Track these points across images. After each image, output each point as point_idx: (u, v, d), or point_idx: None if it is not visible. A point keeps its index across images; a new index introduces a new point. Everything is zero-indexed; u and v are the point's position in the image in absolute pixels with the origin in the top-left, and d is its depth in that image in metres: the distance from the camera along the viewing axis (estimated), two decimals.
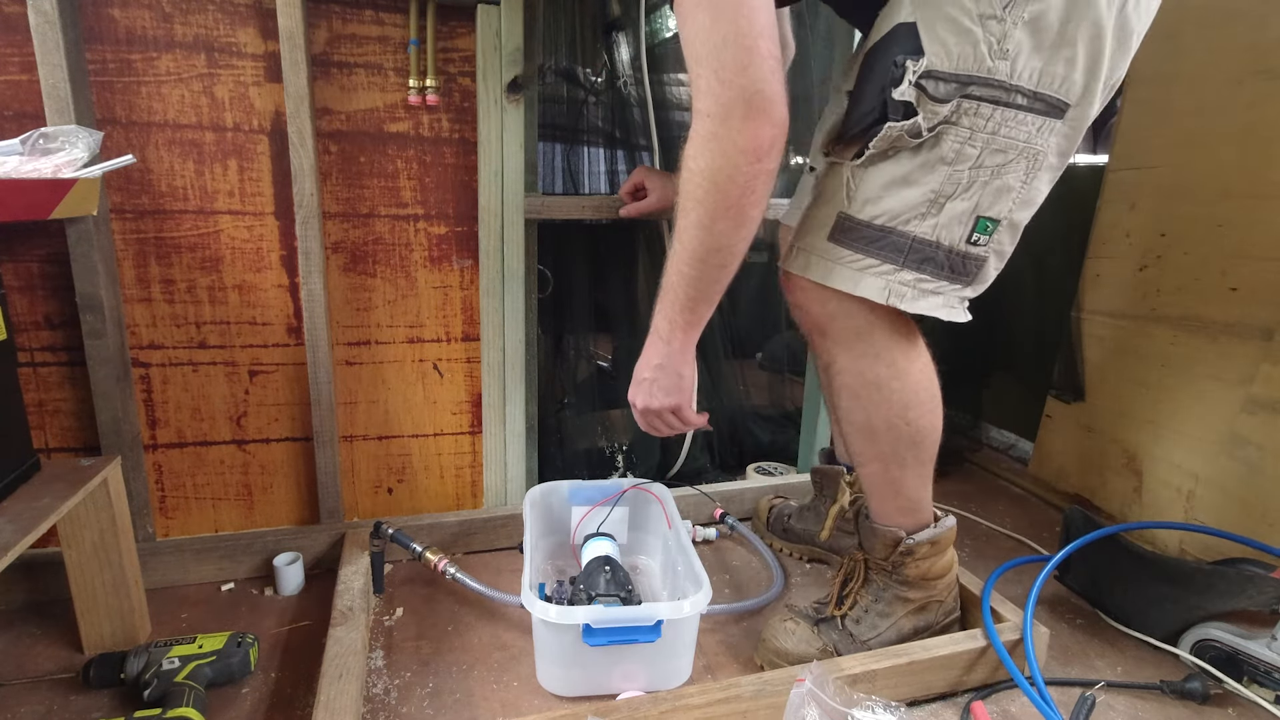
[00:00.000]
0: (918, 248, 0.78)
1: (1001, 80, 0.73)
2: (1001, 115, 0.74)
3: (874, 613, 0.97)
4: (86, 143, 0.87)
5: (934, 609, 0.98)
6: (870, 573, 1.00)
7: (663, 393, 0.84)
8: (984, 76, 0.73)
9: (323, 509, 1.19)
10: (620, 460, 1.50)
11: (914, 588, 0.96)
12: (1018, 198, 0.78)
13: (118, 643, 0.99)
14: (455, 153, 1.14)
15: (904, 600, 0.97)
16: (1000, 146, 0.75)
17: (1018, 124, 0.75)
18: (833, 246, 0.81)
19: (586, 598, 0.95)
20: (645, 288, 1.53)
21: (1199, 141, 1.25)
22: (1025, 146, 0.75)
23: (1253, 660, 0.91)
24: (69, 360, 1.05)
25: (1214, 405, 1.21)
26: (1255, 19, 1.16)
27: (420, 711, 0.90)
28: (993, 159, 0.76)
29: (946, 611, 1.00)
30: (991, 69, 0.73)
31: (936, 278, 0.79)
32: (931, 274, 0.79)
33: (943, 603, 0.99)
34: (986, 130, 0.75)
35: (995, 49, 0.72)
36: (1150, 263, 1.33)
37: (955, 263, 0.79)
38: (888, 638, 0.96)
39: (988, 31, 0.72)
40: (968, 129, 0.75)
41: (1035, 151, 0.76)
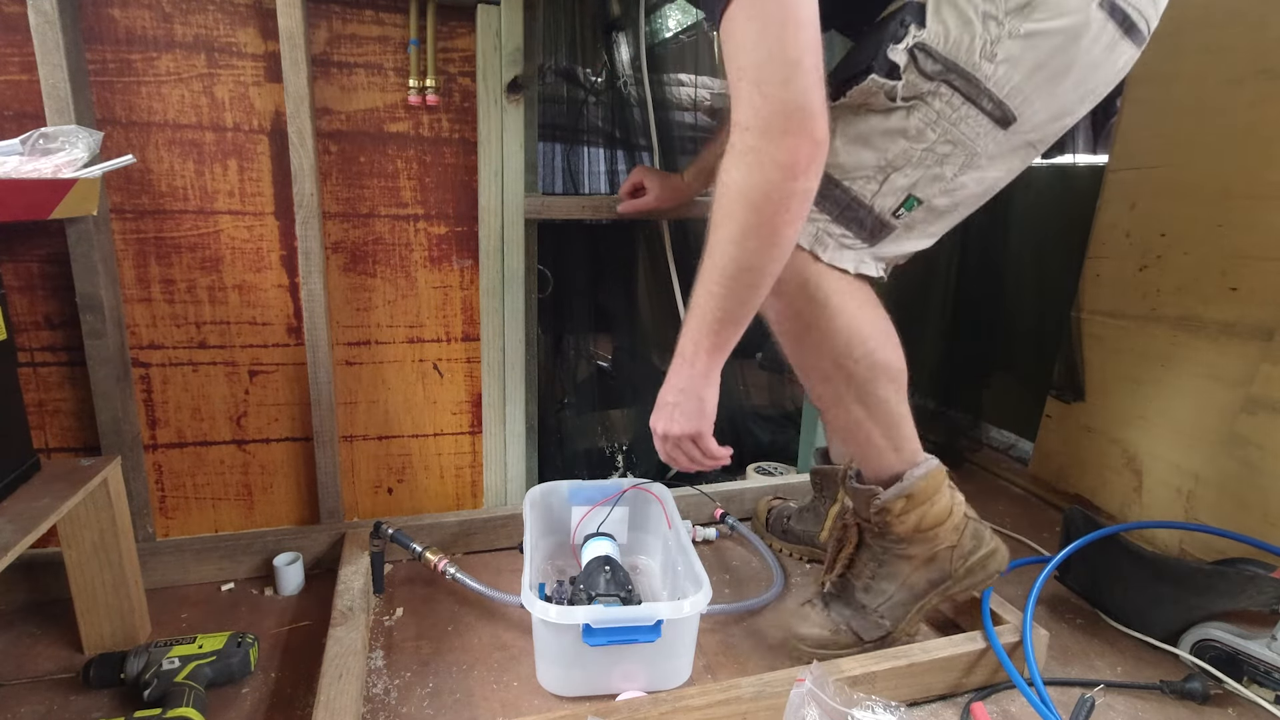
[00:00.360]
0: (853, 206, 0.82)
1: (980, 80, 0.77)
2: (966, 110, 0.78)
3: (880, 577, 0.97)
4: (86, 143, 0.87)
5: (945, 557, 0.95)
6: (864, 536, 0.98)
7: (684, 417, 0.81)
8: (968, 70, 0.76)
9: (323, 509, 1.19)
10: (620, 460, 1.50)
11: (911, 544, 0.94)
12: (945, 186, 0.83)
13: (118, 643, 0.99)
14: (455, 153, 1.14)
15: (906, 558, 0.95)
16: (953, 138, 0.80)
17: (974, 122, 0.79)
18: None
19: (586, 598, 0.95)
20: (645, 288, 1.53)
21: (1199, 141, 1.25)
22: (969, 144, 0.80)
23: (1253, 660, 0.91)
24: (69, 360, 1.05)
25: (1214, 405, 1.21)
26: (1255, 19, 1.16)
27: (420, 711, 0.90)
28: (943, 147, 0.80)
29: (964, 554, 0.95)
30: (976, 66, 0.76)
31: (857, 236, 0.84)
32: (855, 232, 0.84)
33: (955, 547, 0.94)
34: (949, 120, 0.79)
35: (986, 50, 0.76)
36: (1150, 263, 1.33)
37: (875, 227, 0.84)
38: (899, 599, 0.95)
39: (986, 30, 0.75)
40: (935, 112, 0.79)
41: (974, 151, 0.81)
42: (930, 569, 0.96)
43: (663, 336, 1.54)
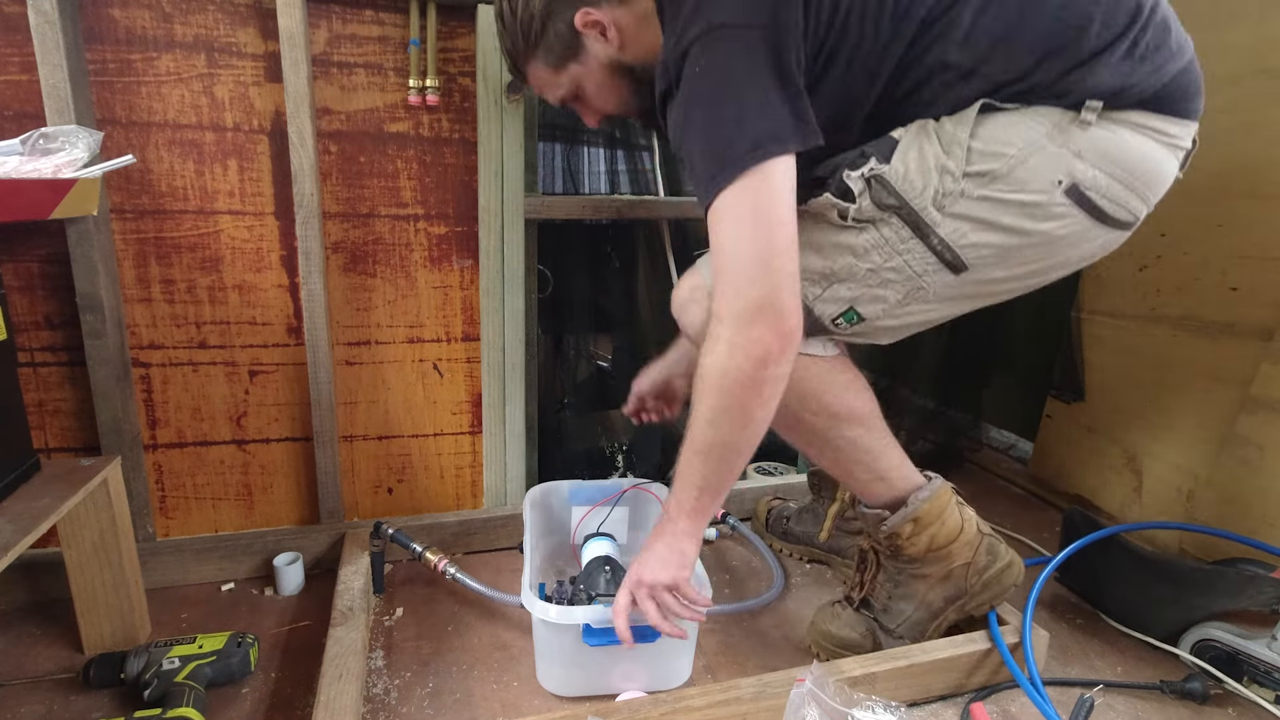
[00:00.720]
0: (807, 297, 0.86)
1: (929, 225, 0.81)
2: (915, 245, 0.82)
3: (896, 598, 0.97)
4: (86, 143, 0.87)
5: (960, 574, 0.95)
6: (880, 558, 0.99)
7: (663, 566, 0.83)
8: (918, 212, 0.81)
9: (323, 509, 1.19)
10: (620, 460, 1.50)
11: (925, 563, 0.95)
12: (889, 309, 0.86)
13: (118, 643, 0.99)
14: (455, 153, 1.14)
15: (921, 577, 0.96)
16: (897, 267, 0.83)
17: (921, 257, 0.82)
18: None
19: (586, 598, 0.95)
20: (645, 287, 1.53)
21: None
22: (915, 277, 0.83)
23: (1253, 660, 0.91)
24: (69, 360, 1.05)
25: (1214, 405, 1.20)
26: (1255, 19, 1.16)
27: (420, 711, 0.90)
28: (887, 272, 0.83)
29: (980, 570, 0.95)
30: (925, 210, 0.80)
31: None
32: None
33: (970, 563, 0.95)
34: (895, 248, 0.82)
35: (938, 200, 0.80)
36: (1150, 263, 1.33)
37: (813, 327, 0.87)
38: (917, 618, 0.96)
39: (941, 183, 0.79)
40: (883, 238, 0.82)
41: (920, 286, 0.84)
42: (946, 586, 0.96)
43: (663, 336, 1.54)
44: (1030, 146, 0.77)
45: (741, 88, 0.73)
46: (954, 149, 0.79)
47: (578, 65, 0.90)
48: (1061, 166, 0.78)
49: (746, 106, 0.73)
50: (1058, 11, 0.75)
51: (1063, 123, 0.77)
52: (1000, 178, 0.78)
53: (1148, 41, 0.76)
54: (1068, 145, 0.77)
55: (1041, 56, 0.76)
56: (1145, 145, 0.79)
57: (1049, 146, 0.77)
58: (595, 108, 0.95)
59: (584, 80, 0.91)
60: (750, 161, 0.71)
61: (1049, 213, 0.79)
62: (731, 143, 0.72)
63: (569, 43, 0.88)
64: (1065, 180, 0.78)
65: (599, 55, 0.89)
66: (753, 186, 0.72)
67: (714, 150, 0.73)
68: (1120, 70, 0.75)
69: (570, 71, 0.91)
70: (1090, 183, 0.78)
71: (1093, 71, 0.75)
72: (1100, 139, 0.77)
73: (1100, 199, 0.79)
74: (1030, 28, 0.76)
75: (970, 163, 0.78)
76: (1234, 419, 1.16)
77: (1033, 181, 0.78)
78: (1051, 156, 0.77)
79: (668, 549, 0.83)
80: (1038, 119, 0.78)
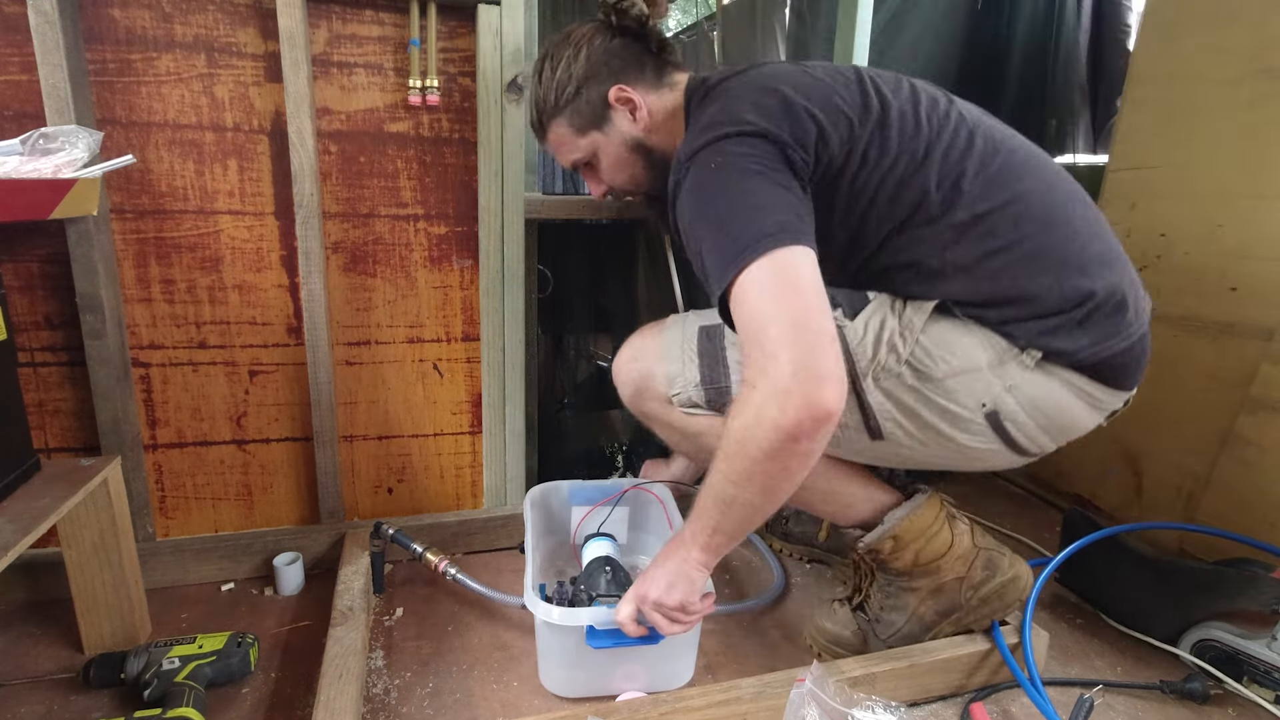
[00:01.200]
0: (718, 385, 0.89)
1: (861, 391, 0.84)
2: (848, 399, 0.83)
3: (888, 609, 0.97)
4: (86, 143, 0.86)
5: (953, 588, 0.94)
6: (872, 567, 1.00)
7: (668, 586, 0.83)
8: (858, 374, 0.84)
9: (323, 509, 1.19)
10: (620, 460, 1.50)
11: (914, 576, 0.95)
12: None
13: (118, 643, 0.99)
14: (455, 153, 1.14)
15: (911, 590, 0.96)
16: None
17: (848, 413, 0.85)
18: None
19: (587, 598, 0.95)
20: (645, 287, 1.53)
21: (1199, 141, 1.25)
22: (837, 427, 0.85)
23: (1253, 660, 0.91)
24: (69, 360, 1.05)
25: (1214, 405, 1.21)
26: (1255, 19, 1.16)
27: (420, 711, 0.90)
28: None
29: (975, 585, 0.94)
30: (863, 374, 0.84)
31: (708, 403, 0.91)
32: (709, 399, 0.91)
33: (964, 578, 0.94)
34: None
35: (875, 372, 0.84)
36: (1150, 263, 1.33)
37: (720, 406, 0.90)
38: (908, 631, 0.96)
39: (884, 358, 0.83)
40: None
41: (837, 439, 0.87)
42: (938, 600, 0.95)
43: None
44: (969, 365, 0.82)
45: (757, 185, 0.75)
46: (906, 335, 0.83)
47: (600, 135, 0.94)
48: (990, 393, 0.83)
49: (763, 200, 0.74)
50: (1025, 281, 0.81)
51: (1005, 357, 0.82)
52: (934, 381, 0.83)
53: (1097, 320, 0.81)
54: (1003, 378, 0.82)
55: (1003, 302, 0.81)
56: (1073, 403, 0.84)
57: (986, 373, 0.82)
58: (605, 179, 0.99)
59: (602, 150, 0.95)
60: (772, 244, 0.71)
61: (966, 427, 0.84)
62: (751, 228, 0.72)
63: (598, 112, 0.92)
64: (989, 405, 0.83)
65: (623, 131, 0.93)
66: (777, 263, 0.71)
67: (732, 235, 0.73)
68: (1069, 336, 0.81)
69: (591, 138, 0.94)
70: (1011, 415, 0.83)
71: (1044, 328, 0.81)
72: (1033, 384, 0.82)
73: (1015, 431, 0.85)
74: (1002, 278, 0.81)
75: (914, 355, 0.83)
76: (1234, 419, 1.16)
77: (961, 395, 0.83)
78: (985, 382, 0.82)
79: (678, 574, 0.82)
80: (985, 343, 0.83)
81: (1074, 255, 0.82)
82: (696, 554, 0.82)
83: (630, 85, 0.91)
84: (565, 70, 0.91)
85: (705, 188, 0.77)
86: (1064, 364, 0.82)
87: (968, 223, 0.81)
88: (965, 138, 0.84)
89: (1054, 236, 0.82)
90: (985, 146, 0.83)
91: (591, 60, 0.91)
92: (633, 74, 0.92)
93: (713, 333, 0.92)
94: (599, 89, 0.91)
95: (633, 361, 0.97)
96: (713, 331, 0.92)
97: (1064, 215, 0.83)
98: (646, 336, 0.98)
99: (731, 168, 0.76)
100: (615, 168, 0.96)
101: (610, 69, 0.91)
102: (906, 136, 0.82)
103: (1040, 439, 0.86)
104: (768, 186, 0.75)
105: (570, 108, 0.93)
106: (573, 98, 0.92)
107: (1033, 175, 0.84)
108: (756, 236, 0.72)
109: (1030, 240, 0.81)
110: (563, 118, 0.94)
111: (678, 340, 0.94)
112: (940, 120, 0.84)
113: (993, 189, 0.82)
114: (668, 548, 0.85)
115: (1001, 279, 0.81)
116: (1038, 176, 0.85)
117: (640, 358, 0.96)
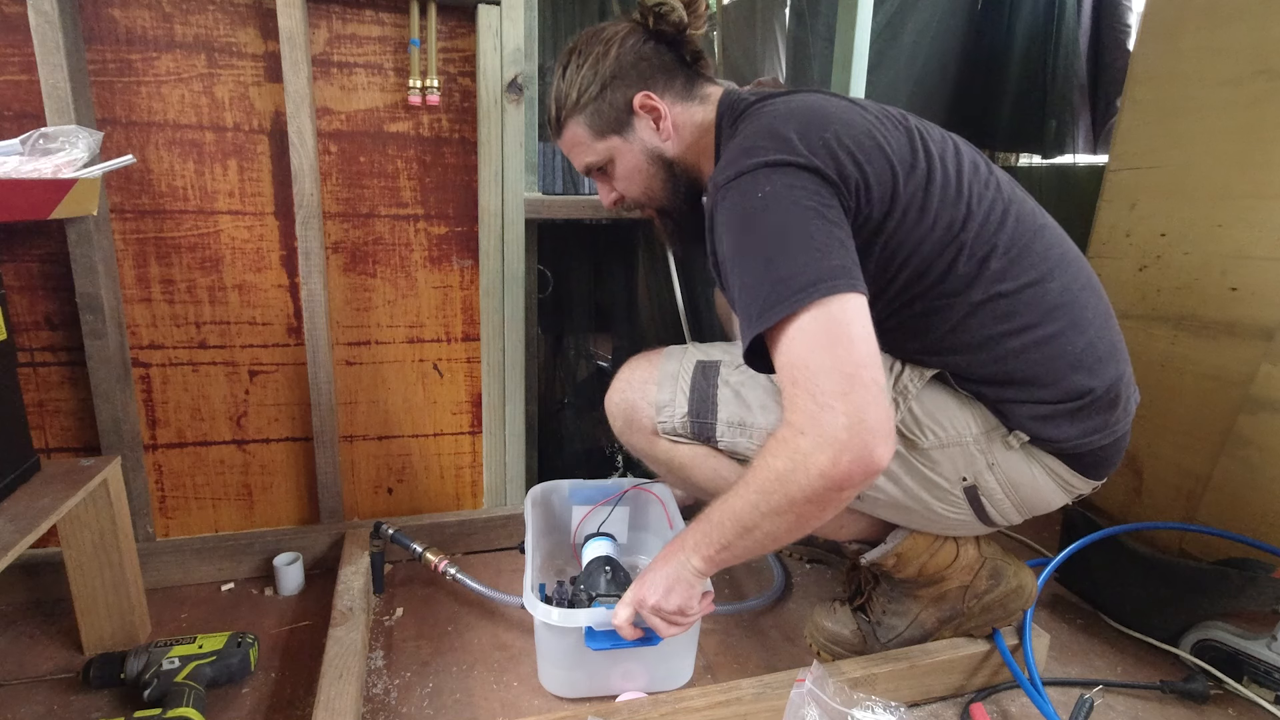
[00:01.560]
0: (705, 427, 0.90)
1: None
2: None
3: (890, 613, 0.97)
4: (86, 143, 0.86)
5: (956, 596, 0.95)
6: (875, 575, 1.00)
7: (666, 591, 0.81)
8: None
9: (323, 509, 1.19)
10: (620, 460, 1.50)
11: (919, 585, 0.95)
12: None
13: (118, 643, 0.99)
14: (455, 153, 1.14)
15: (915, 597, 0.96)
16: None
17: None
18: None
19: (587, 598, 0.95)
20: (645, 288, 1.53)
21: (1199, 141, 1.25)
22: None
23: (1253, 660, 0.91)
24: (69, 360, 1.05)
25: (1214, 405, 1.20)
26: (1255, 19, 1.16)
27: (420, 711, 0.90)
28: None
29: (979, 593, 0.94)
30: None
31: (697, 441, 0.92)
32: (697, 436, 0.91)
33: (969, 586, 0.94)
34: None
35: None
36: (1150, 263, 1.33)
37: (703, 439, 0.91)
38: (909, 636, 0.96)
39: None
40: None
41: None
42: (940, 607, 0.96)
43: (663, 336, 1.54)
44: (956, 440, 0.83)
45: (810, 222, 0.70)
46: (899, 401, 0.83)
47: (620, 140, 0.89)
48: (973, 469, 0.84)
49: (817, 241, 0.70)
50: (1031, 368, 0.81)
51: (993, 435, 0.83)
52: (920, 450, 0.84)
53: (1089, 414, 0.82)
54: (986, 455, 0.84)
55: (1004, 383, 0.82)
56: (1048, 486, 0.86)
57: (971, 449, 0.83)
58: (618, 187, 0.94)
59: (619, 157, 0.90)
60: (826, 291, 0.67)
61: (943, 497, 0.86)
62: (804, 271, 0.68)
63: (620, 116, 0.88)
64: (969, 480, 0.85)
65: (644, 140, 0.89)
66: (831, 312, 0.67)
67: (781, 276, 0.69)
68: (1059, 426, 0.82)
69: (610, 143, 0.90)
70: (988, 491, 0.85)
71: (1037, 414, 0.81)
72: (1014, 465, 0.84)
73: (989, 506, 0.86)
74: (1009, 361, 0.81)
75: (904, 422, 0.83)
76: (1234, 419, 1.16)
77: (944, 468, 0.84)
78: (969, 457, 0.84)
79: (676, 579, 0.81)
80: (974, 418, 0.83)
81: (1082, 350, 0.81)
82: (698, 562, 0.80)
83: (658, 93, 0.87)
84: (592, 68, 0.87)
85: (752, 219, 0.72)
86: (1048, 449, 0.84)
87: (985, 301, 0.79)
88: (1000, 213, 0.81)
89: (1066, 329, 0.81)
90: (1016, 225, 0.81)
91: (621, 61, 0.86)
92: (662, 82, 0.87)
93: (709, 370, 0.91)
94: (624, 92, 0.87)
95: (621, 394, 0.96)
96: (709, 369, 0.91)
97: (1079, 306, 0.82)
98: (637, 369, 0.96)
99: (781, 200, 0.71)
100: (631, 177, 0.92)
101: (639, 73, 0.87)
102: (948, 202, 0.78)
103: (1010, 515, 0.88)
104: (821, 226, 0.70)
105: (591, 107, 0.88)
106: (595, 97, 0.87)
107: (1055, 260, 0.83)
108: (809, 281, 0.67)
109: (1043, 329, 0.80)
110: (582, 117, 0.89)
111: (673, 371, 0.93)
112: (980, 189, 0.81)
113: (1016, 269, 0.80)
114: (667, 551, 0.83)
115: (1008, 361, 0.80)
116: (1059, 262, 0.83)
117: (628, 389, 0.95)
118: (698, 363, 0.93)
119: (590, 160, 0.92)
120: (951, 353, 0.82)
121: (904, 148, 0.78)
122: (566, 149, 0.94)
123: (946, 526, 0.90)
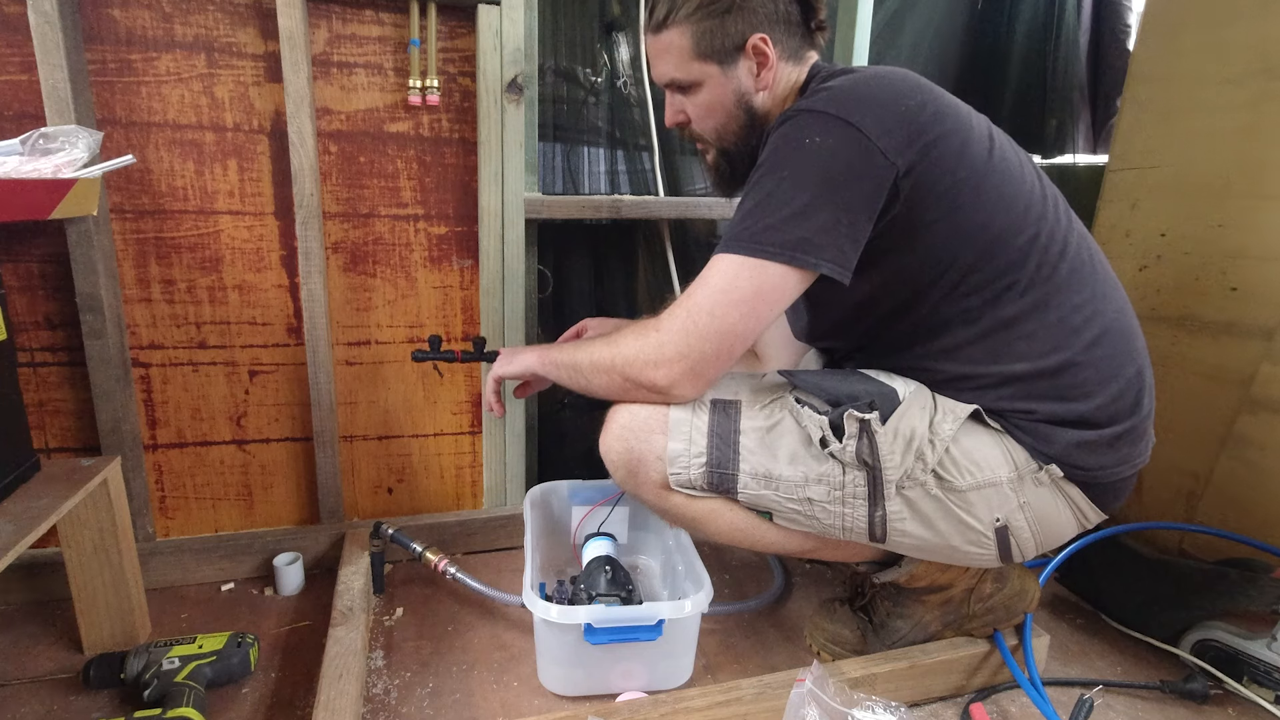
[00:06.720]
0: (724, 476, 0.85)
1: (883, 496, 0.82)
2: (859, 507, 0.82)
3: (894, 615, 0.97)
4: (86, 143, 0.86)
5: (961, 599, 0.95)
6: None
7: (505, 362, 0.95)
8: (882, 483, 0.81)
9: (323, 509, 1.19)
10: None
11: (926, 592, 0.96)
12: (805, 527, 0.86)
13: (118, 643, 0.99)
14: (455, 153, 1.14)
15: (921, 602, 0.96)
16: (832, 513, 0.83)
17: (856, 519, 0.83)
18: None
19: (587, 597, 0.95)
20: (645, 288, 1.53)
21: (1199, 141, 1.25)
22: (837, 529, 0.84)
23: (1253, 660, 0.91)
24: (69, 360, 1.05)
25: (1214, 405, 1.20)
26: (1255, 19, 1.16)
27: (420, 711, 0.90)
28: (819, 510, 0.83)
29: (983, 596, 0.94)
30: (887, 483, 0.81)
31: (714, 492, 0.86)
32: (715, 486, 0.86)
33: (973, 590, 0.95)
34: (842, 500, 0.83)
35: (903, 480, 0.81)
36: (1150, 263, 1.33)
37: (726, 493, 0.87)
38: (912, 638, 0.96)
39: (913, 466, 0.81)
40: (840, 484, 0.82)
41: (833, 537, 0.86)
42: (945, 610, 0.96)
43: None
44: (992, 481, 0.82)
45: (822, 190, 0.74)
46: (936, 443, 0.81)
47: (717, 70, 0.85)
48: (1005, 509, 0.83)
49: (813, 209, 0.74)
50: (1092, 387, 0.81)
51: (1025, 473, 0.83)
52: (957, 491, 0.82)
53: (1124, 444, 0.83)
54: (1019, 495, 0.83)
55: (1062, 397, 0.81)
56: (1068, 520, 0.86)
57: (1005, 489, 0.82)
58: (692, 114, 0.90)
59: (709, 86, 0.86)
60: (775, 256, 0.74)
61: (975, 539, 0.84)
62: (776, 228, 0.74)
63: (728, 47, 0.84)
64: (1001, 520, 0.83)
65: (741, 81, 0.86)
66: (766, 275, 0.74)
67: (760, 218, 0.75)
68: (1096, 453, 0.82)
69: (706, 69, 0.85)
70: (1018, 531, 0.84)
71: (1081, 440, 0.81)
72: (1044, 502, 0.84)
73: (1015, 545, 0.85)
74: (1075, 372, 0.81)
75: (941, 464, 0.81)
76: (1234, 419, 1.16)
77: (978, 509, 0.82)
78: (1003, 498, 0.82)
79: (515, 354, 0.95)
80: (1008, 458, 0.82)
81: (1132, 376, 0.83)
82: (534, 359, 0.92)
83: (773, 43, 0.84)
84: None
85: (788, 156, 0.76)
86: (1079, 479, 0.83)
87: (1053, 301, 0.80)
88: (1066, 222, 0.83)
89: (1122, 351, 0.83)
90: (1080, 240, 0.83)
91: None
92: (781, 32, 0.85)
93: (729, 411, 0.85)
94: (745, 25, 0.83)
95: (623, 442, 0.85)
96: (729, 410, 0.85)
97: (1133, 334, 0.85)
98: (637, 411, 0.85)
99: (818, 155, 0.75)
100: (711, 112, 0.88)
101: (766, 15, 0.83)
102: (1020, 197, 0.81)
103: (1029, 552, 0.87)
104: (829, 197, 0.74)
105: (707, 24, 0.82)
106: (716, 15, 0.82)
107: (1113, 284, 0.85)
108: (773, 240, 0.73)
109: (1105, 346, 0.81)
110: (692, 28, 0.83)
111: (686, 418, 0.84)
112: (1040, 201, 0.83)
113: (1077, 280, 0.81)
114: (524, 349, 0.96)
115: (1073, 373, 0.81)
116: (1115, 285, 0.86)
117: (630, 437, 0.85)
118: (713, 402, 0.86)
119: (677, 76, 0.87)
120: (1021, 360, 0.82)
121: (984, 136, 0.81)
122: (653, 53, 0.88)
123: (964, 560, 0.88)
